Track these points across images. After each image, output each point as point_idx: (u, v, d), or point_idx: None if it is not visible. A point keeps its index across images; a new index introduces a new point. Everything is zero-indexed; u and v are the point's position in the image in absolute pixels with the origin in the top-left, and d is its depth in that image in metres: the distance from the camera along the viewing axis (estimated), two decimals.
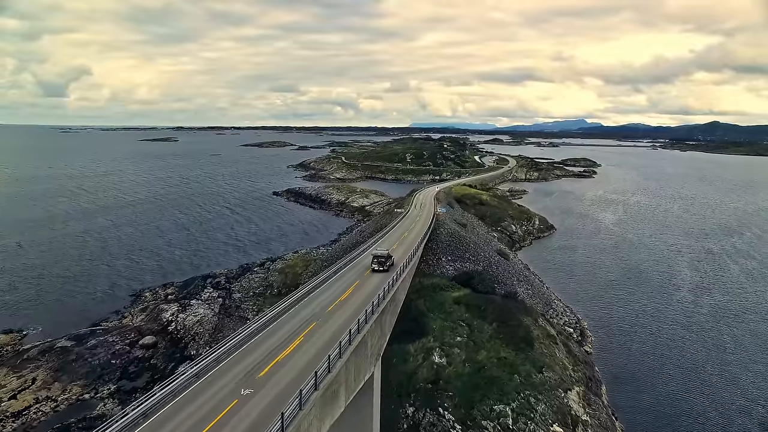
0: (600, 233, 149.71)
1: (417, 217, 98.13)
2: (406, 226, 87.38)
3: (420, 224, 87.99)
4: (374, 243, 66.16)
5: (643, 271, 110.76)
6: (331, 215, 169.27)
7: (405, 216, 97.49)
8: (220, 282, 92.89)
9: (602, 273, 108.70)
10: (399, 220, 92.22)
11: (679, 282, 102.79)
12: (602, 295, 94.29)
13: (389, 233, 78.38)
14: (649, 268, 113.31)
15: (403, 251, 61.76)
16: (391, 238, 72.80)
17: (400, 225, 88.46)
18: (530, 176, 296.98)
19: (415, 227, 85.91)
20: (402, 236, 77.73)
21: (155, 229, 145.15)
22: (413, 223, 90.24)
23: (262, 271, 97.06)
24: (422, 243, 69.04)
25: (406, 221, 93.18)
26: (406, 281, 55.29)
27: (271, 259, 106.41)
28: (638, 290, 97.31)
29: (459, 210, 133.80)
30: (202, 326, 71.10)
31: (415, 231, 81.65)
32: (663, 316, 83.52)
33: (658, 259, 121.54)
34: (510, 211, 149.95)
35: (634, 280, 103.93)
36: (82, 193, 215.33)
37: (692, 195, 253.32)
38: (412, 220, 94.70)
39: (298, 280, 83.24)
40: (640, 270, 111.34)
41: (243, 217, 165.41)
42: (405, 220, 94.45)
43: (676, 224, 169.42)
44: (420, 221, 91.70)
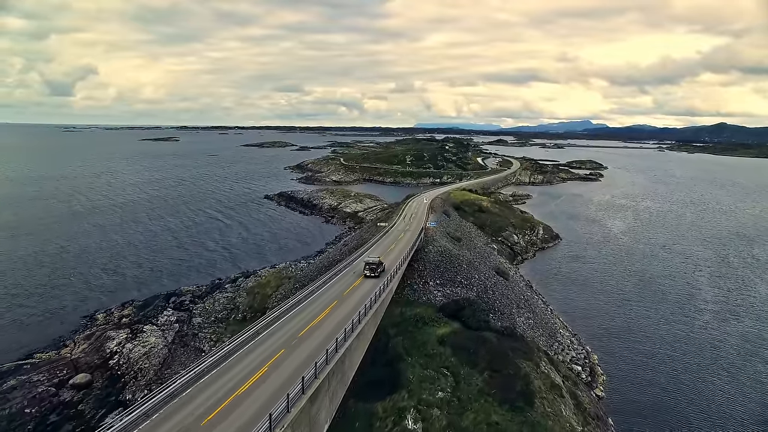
0: (609, 243, 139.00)
1: (402, 233, 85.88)
2: (385, 246, 74.87)
3: (403, 243, 76.32)
4: (336, 274, 55.56)
5: (658, 289, 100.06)
6: (321, 221, 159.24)
7: (387, 232, 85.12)
8: (184, 302, 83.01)
9: (612, 291, 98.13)
10: (378, 239, 79.16)
11: (700, 303, 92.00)
12: (613, 318, 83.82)
13: (360, 258, 64.94)
14: (664, 285, 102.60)
15: (372, 284, 51.23)
16: (360, 266, 59.55)
17: (378, 245, 75.23)
18: (534, 179, 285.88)
19: (396, 247, 73.79)
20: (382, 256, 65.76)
21: (133, 235, 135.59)
22: (394, 243, 77.77)
23: (232, 289, 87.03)
24: (399, 271, 57.62)
25: (386, 239, 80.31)
26: (378, 313, 45.46)
27: (245, 275, 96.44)
28: (654, 313, 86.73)
29: (456, 219, 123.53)
30: (149, 360, 61.12)
31: (393, 254, 69.12)
32: (685, 346, 72.90)
33: (674, 274, 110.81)
34: (512, 218, 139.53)
35: (649, 300, 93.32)
36: (67, 194, 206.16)
37: (704, 200, 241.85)
38: (394, 238, 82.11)
39: (266, 302, 73.30)
40: (655, 288, 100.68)
41: (229, 223, 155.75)
42: (386, 237, 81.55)
43: (690, 232, 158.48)
44: (404, 239, 79.72)
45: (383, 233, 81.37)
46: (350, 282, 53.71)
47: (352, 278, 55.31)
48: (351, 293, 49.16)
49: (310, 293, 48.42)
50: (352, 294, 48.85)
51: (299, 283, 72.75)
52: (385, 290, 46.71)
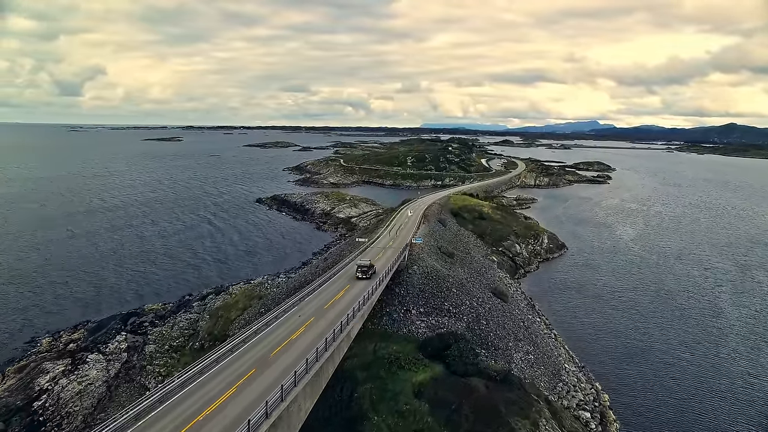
0: (618, 253, 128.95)
1: (382, 251, 74.09)
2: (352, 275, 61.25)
3: (379, 265, 64.52)
4: (291, 309, 46.11)
5: (676, 308, 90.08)
6: (311, 228, 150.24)
7: (366, 251, 74.22)
8: (144, 323, 74.24)
9: (624, 310, 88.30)
10: (353, 258, 68.21)
11: (724, 326, 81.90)
12: (626, 344, 74.14)
13: (322, 289, 54.30)
14: (683, 303, 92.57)
15: (332, 318, 41.90)
16: (322, 297, 50.03)
17: (348, 269, 63.09)
18: (540, 182, 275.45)
19: None
20: (343, 292, 53.43)
21: (110, 244, 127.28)
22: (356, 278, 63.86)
23: (198, 309, 78.25)
24: (367, 302, 47.32)
25: (363, 259, 66.20)
26: (334, 357, 36.45)
27: (217, 291, 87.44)
28: (672, 337, 76.93)
29: (453, 227, 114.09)
30: (81, 401, 52.24)
31: (365, 279, 57.84)
32: (711, 381, 63.07)
33: (692, 289, 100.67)
34: (515, 226, 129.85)
35: (666, 321, 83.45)
36: (58, 197, 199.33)
37: (719, 203, 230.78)
38: (371, 258, 68.95)
39: (228, 329, 64.27)
40: (672, 306, 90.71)
41: (217, 228, 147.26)
42: (362, 257, 68.87)
43: (706, 240, 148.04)
44: (382, 259, 68.42)
45: (361, 250, 71.22)
46: (318, 305, 45.29)
47: (322, 301, 46.84)
48: (310, 327, 40.49)
49: (266, 324, 40.53)
50: (310, 330, 40.12)
51: (264, 308, 63.63)
52: (343, 332, 37.33)
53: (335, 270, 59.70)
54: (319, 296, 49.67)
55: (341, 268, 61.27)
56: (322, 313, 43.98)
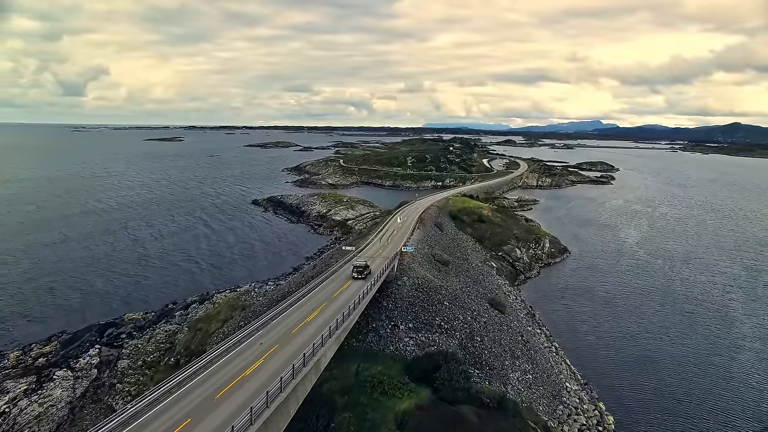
0: (623, 257, 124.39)
1: (371, 259, 67.87)
2: (340, 284, 56.65)
3: (356, 287, 56.26)
4: (255, 334, 40.83)
5: (684, 317, 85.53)
6: (306, 231, 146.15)
7: (351, 260, 67.45)
8: (121, 334, 70.32)
9: (629, 319, 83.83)
10: (335, 270, 62.53)
11: (736, 337, 77.32)
12: (631, 356, 69.78)
13: (299, 305, 48.80)
14: (691, 312, 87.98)
15: (298, 347, 36.92)
16: (294, 317, 44.74)
17: (330, 282, 57.54)
18: (542, 182, 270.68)
19: (352, 285, 55.63)
20: (317, 311, 46.63)
21: (100, 247, 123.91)
22: (348, 282, 58.26)
23: (179, 319, 74.33)
24: (343, 324, 41.27)
25: (345, 272, 61.74)
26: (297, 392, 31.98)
27: (201, 299, 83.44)
28: (681, 349, 72.50)
29: (451, 232, 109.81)
30: (39, 427, 48.25)
31: (345, 295, 51.44)
32: (725, 401, 58.65)
33: (701, 297, 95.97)
34: (515, 229, 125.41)
35: (674, 331, 78.98)
36: (55, 198, 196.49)
37: (725, 205, 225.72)
38: None
39: (206, 343, 60.16)
40: (680, 315, 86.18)
41: (210, 231, 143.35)
42: (346, 268, 63.67)
43: (714, 243, 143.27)
44: None
45: (345, 261, 66.44)
46: (294, 324, 41.11)
47: (292, 323, 42.56)
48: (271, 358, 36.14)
49: (220, 355, 36.09)
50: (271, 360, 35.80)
51: (245, 321, 59.46)
52: (307, 365, 32.32)
53: (310, 287, 54.36)
54: (290, 317, 44.42)
55: (318, 284, 56.11)
56: (287, 339, 38.91)
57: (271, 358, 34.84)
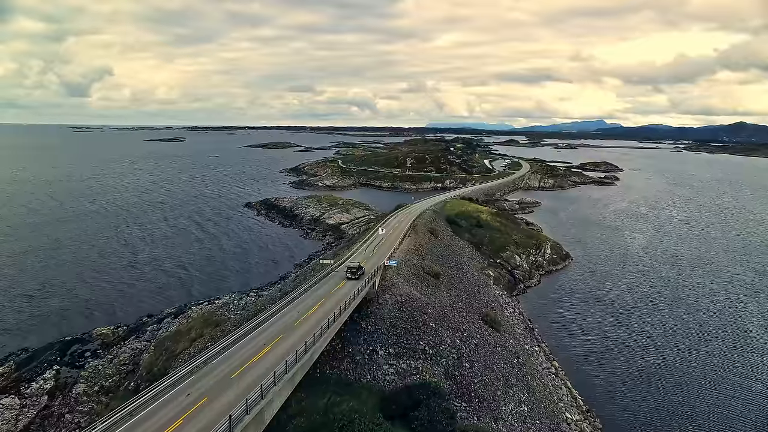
0: (628, 263, 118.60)
1: (341, 283, 59.18)
2: (310, 304, 49.59)
3: (339, 296, 51.54)
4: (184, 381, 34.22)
5: (694, 327, 79.77)
6: (298, 235, 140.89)
7: (328, 275, 61.11)
8: (86, 352, 65.19)
9: (636, 332, 78.14)
10: (303, 291, 54.42)
11: (755, 354, 71.45)
12: (638, 374, 64.15)
13: (254, 334, 42.45)
14: (702, 322, 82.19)
15: (234, 397, 30.81)
16: (243, 353, 38.42)
17: (298, 304, 50.41)
18: (544, 184, 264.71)
19: (324, 306, 49.01)
20: (274, 342, 40.17)
21: (91, 251, 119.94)
22: (324, 297, 52.16)
23: (150, 334, 69.18)
24: (300, 360, 34.98)
25: (317, 291, 55.14)
26: None
27: (178, 311, 78.18)
28: (695, 369, 66.73)
29: (447, 238, 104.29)
30: None
31: (312, 320, 44.99)
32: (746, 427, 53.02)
33: (712, 307, 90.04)
34: (515, 234, 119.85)
35: (684, 346, 73.21)
36: (49, 201, 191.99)
37: (733, 206, 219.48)
38: (333, 285, 57.14)
39: (170, 365, 54.78)
40: (691, 326, 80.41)
41: (199, 236, 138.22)
42: (321, 285, 57.56)
43: (722, 247, 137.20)
44: (343, 290, 54.62)
45: (320, 278, 59.38)
46: (240, 362, 35.66)
47: (244, 356, 37.23)
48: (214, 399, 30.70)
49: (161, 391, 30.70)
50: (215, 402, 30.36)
51: (212, 341, 54.08)
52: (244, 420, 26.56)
53: (273, 309, 47.84)
54: (237, 354, 38.16)
55: (284, 305, 49.33)
56: (223, 386, 32.53)
57: (196, 415, 28.64)
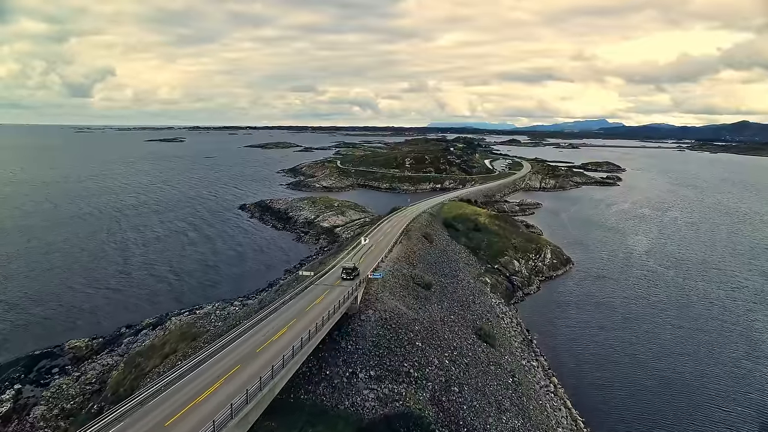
0: (631, 268, 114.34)
1: (329, 288, 55.19)
2: (283, 322, 44.29)
3: (314, 313, 46.02)
4: None
5: (703, 340, 75.47)
6: (291, 239, 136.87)
7: (305, 289, 55.51)
8: (54, 368, 61.37)
9: (640, 343, 74.01)
10: (273, 311, 48.13)
11: None
12: (643, 392, 59.98)
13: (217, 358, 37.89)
14: (711, 332, 78.01)
15: None
16: (200, 381, 34.28)
17: (272, 321, 45.34)
18: (546, 184, 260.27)
19: (296, 325, 43.96)
20: (234, 370, 35.47)
21: (75, 256, 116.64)
22: (298, 315, 46.55)
23: (124, 349, 65.24)
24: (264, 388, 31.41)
25: (293, 307, 49.14)
26: None
27: (155, 323, 74.13)
28: (704, 383, 62.61)
29: (442, 242, 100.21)
30: None
31: (281, 343, 39.96)
32: None
33: (721, 316, 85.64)
34: (514, 239, 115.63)
35: (694, 359, 69.03)
36: (39, 202, 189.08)
37: (739, 207, 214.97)
38: (308, 301, 51.15)
39: (138, 384, 50.82)
40: (699, 338, 76.19)
41: (189, 240, 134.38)
42: (297, 300, 51.76)
43: (731, 252, 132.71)
44: (321, 304, 49.09)
45: (298, 290, 54.48)
46: (191, 395, 31.81)
47: (200, 385, 33.31)
48: None
49: None
50: None
51: (182, 358, 50.10)
52: None
53: (244, 327, 43.19)
54: (193, 383, 34.30)
55: (256, 323, 44.61)
56: None
57: None
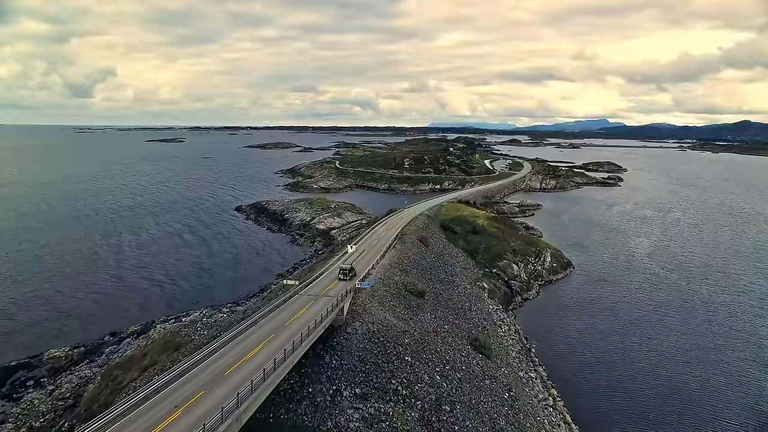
0: (634, 272, 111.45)
1: (314, 299, 51.56)
2: (237, 355, 39.00)
3: (292, 330, 42.36)
4: None
5: (709, 346, 72.64)
6: (286, 241, 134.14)
7: (287, 302, 51.56)
8: (29, 380, 58.89)
9: (643, 350, 71.21)
10: (245, 328, 44.37)
11: None
12: (649, 404, 57.17)
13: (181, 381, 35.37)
14: (717, 334, 75.18)
15: None
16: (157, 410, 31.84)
17: (248, 336, 42.18)
18: (546, 185, 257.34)
19: (272, 343, 40.48)
20: (196, 397, 32.72)
21: (74, 257, 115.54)
22: (275, 331, 42.92)
23: (105, 359, 62.57)
24: None
25: (269, 323, 45.29)
26: None
27: (141, 331, 71.54)
28: (711, 393, 59.77)
29: (439, 246, 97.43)
30: None
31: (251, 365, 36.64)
32: None
33: (726, 322, 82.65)
34: (513, 241, 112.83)
35: (700, 368, 66.16)
36: (36, 203, 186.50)
37: (743, 208, 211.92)
38: (290, 314, 47.66)
39: (114, 400, 48.05)
40: (704, 343, 73.33)
41: (184, 243, 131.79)
42: (275, 315, 47.67)
43: (735, 254, 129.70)
44: (302, 318, 45.43)
45: (279, 303, 51.00)
46: None
47: None
48: None
49: None
50: None
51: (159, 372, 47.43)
52: None
53: (222, 341, 40.12)
54: (149, 412, 31.86)
55: (232, 337, 41.27)
56: None
57: None
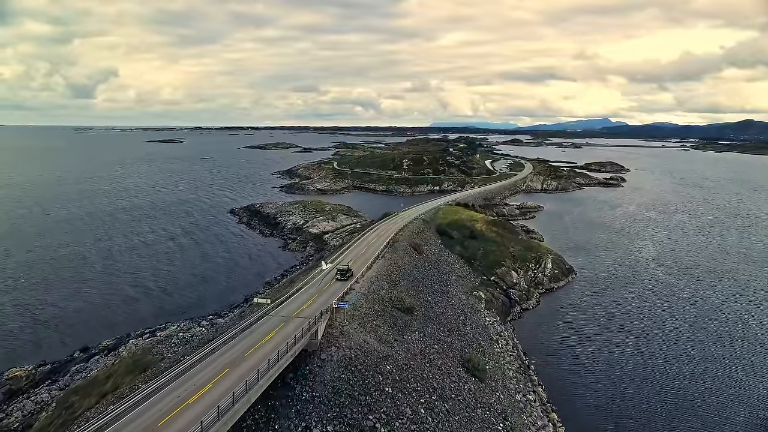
0: (638, 278, 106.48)
1: (284, 322, 46.38)
2: (213, 372, 36.27)
3: (257, 358, 38.16)
4: None
5: (722, 360, 67.66)
6: (277, 246, 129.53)
7: (249, 329, 45.40)
8: None
9: (650, 366, 66.30)
10: (206, 354, 39.70)
11: None
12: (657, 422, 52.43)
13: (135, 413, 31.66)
14: (729, 345, 70.19)
15: None
16: None
17: (209, 364, 38.12)
18: (547, 186, 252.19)
19: (229, 376, 36.06)
20: None
21: (60, 262, 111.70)
22: (234, 362, 38.50)
23: (66, 381, 57.88)
24: None
25: (230, 350, 40.72)
26: None
27: (112, 347, 66.82)
28: (727, 413, 54.97)
29: (434, 253, 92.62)
30: None
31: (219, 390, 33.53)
32: None
33: (739, 334, 77.58)
34: (512, 246, 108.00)
35: (713, 384, 61.27)
36: (30, 206, 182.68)
37: (750, 209, 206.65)
38: (254, 341, 42.40)
39: (67, 429, 43.49)
40: (716, 355, 68.39)
41: (175, 247, 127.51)
42: (236, 343, 42.34)
43: (744, 258, 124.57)
44: (271, 343, 40.79)
45: (244, 326, 45.60)
46: None
47: None
48: None
49: None
50: None
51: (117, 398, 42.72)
52: None
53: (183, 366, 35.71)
54: None
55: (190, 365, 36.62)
56: None
57: None
